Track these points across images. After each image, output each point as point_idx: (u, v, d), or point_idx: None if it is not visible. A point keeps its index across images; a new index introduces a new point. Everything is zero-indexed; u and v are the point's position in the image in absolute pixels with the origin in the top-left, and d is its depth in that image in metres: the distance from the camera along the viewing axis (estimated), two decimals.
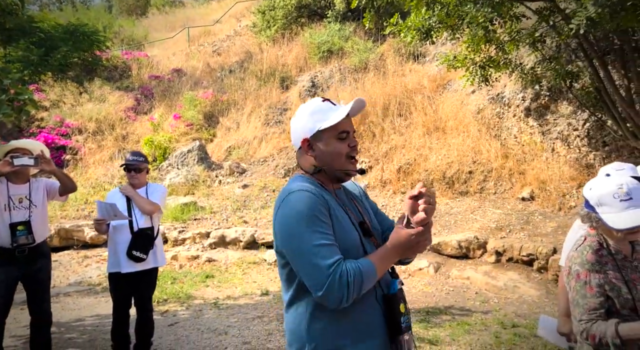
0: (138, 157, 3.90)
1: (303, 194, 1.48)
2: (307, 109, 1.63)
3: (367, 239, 1.59)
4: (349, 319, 1.47)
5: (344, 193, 1.70)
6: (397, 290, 1.55)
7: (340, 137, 1.60)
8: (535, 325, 4.66)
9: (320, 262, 1.39)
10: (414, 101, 9.90)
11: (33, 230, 3.70)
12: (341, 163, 1.60)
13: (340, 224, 1.52)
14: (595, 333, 1.77)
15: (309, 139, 1.61)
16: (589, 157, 7.54)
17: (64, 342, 4.56)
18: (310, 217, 1.44)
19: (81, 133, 13.41)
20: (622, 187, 1.83)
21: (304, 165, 1.66)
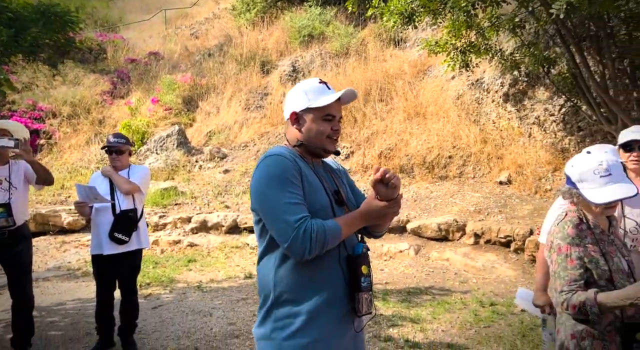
0: (119, 138, 3.84)
1: (278, 158, 1.62)
2: (304, 86, 1.76)
3: (340, 207, 1.73)
4: (311, 272, 1.61)
5: (323, 167, 1.84)
6: (361, 253, 1.69)
7: (326, 118, 1.73)
8: (512, 303, 4.83)
9: (288, 218, 1.54)
10: (395, 86, 9.96)
11: (13, 212, 3.64)
12: (321, 141, 1.74)
13: (312, 187, 1.65)
14: (576, 303, 1.86)
15: (298, 113, 1.74)
16: (564, 142, 7.73)
17: (46, 325, 4.52)
18: (282, 178, 1.58)
19: (55, 117, 13.10)
20: (602, 163, 1.91)
21: (289, 137, 1.79)
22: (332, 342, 1.62)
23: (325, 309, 1.61)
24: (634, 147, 2.56)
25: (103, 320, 3.85)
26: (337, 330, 1.63)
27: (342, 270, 1.66)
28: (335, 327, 1.63)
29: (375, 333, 4.16)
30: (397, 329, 4.26)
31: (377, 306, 4.82)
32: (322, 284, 1.62)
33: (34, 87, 14.09)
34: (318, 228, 1.54)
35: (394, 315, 4.59)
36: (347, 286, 1.65)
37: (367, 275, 1.67)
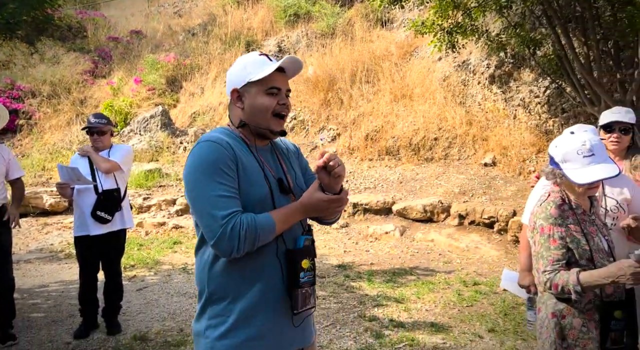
0: (100, 119, 3.76)
1: (210, 145, 1.50)
2: (243, 61, 1.63)
3: (284, 196, 1.60)
4: (245, 268, 1.51)
5: (272, 150, 1.70)
6: (303, 246, 1.57)
7: (270, 92, 1.58)
8: (495, 283, 4.90)
9: (215, 213, 1.43)
10: (381, 68, 9.89)
11: None
12: (266, 119, 1.59)
13: (250, 177, 1.53)
14: (558, 282, 1.88)
15: (239, 90, 1.61)
16: (548, 124, 7.79)
17: (28, 307, 4.48)
18: (214, 168, 1.46)
19: (35, 96, 12.80)
20: (585, 143, 1.91)
21: (232, 118, 1.66)
22: (268, 341, 1.53)
23: (259, 306, 1.51)
24: (614, 128, 2.59)
25: (87, 302, 3.82)
26: (273, 328, 1.54)
27: (281, 265, 1.54)
28: (271, 326, 1.53)
29: (360, 313, 4.20)
30: (381, 309, 4.31)
31: (362, 287, 4.88)
32: (257, 281, 1.52)
33: (12, 65, 13.73)
34: (248, 224, 1.42)
35: (379, 295, 4.63)
36: (285, 282, 1.54)
37: (308, 269, 1.56)
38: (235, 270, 1.51)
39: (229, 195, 1.46)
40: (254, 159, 1.58)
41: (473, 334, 3.79)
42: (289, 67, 1.63)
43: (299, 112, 10.03)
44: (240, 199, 1.49)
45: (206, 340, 1.52)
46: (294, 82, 10.69)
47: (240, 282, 1.51)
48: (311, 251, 1.61)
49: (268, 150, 1.68)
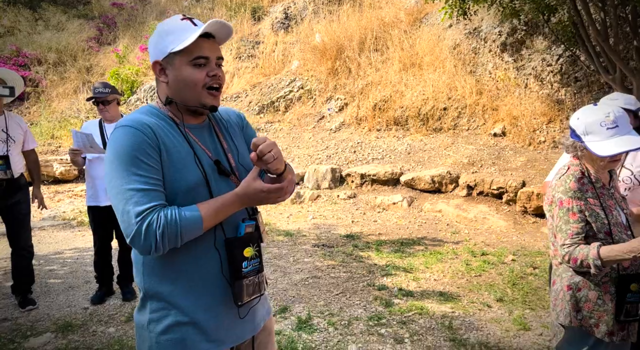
0: (105, 88, 3.72)
1: (128, 130, 1.33)
2: (162, 27, 1.44)
3: (224, 179, 1.46)
4: (181, 261, 1.39)
5: (210, 126, 1.54)
6: (244, 234, 1.45)
7: (197, 63, 1.40)
8: (503, 253, 4.94)
9: (130, 209, 1.27)
10: (390, 35, 9.71)
11: (11, 164, 3.60)
12: (196, 93, 1.42)
13: (174, 163, 1.37)
14: (577, 256, 1.89)
15: (161, 62, 1.42)
16: (560, 93, 7.68)
17: (45, 273, 4.58)
18: (129, 157, 1.30)
19: (41, 64, 12.72)
20: (609, 115, 1.88)
21: (159, 93, 1.48)
22: (215, 336, 1.43)
23: (201, 300, 1.41)
24: None
25: (102, 270, 3.90)
26: (218, 322, 1.43)
27: (219, 255, 1.42)
28: (215, 319, 1.43)
29: (370, 282, 4.27)
30: (390, 278, 4.37)
31: (370, 256, 4.94)
32: (195, 273, 1.40)
33: (17, 31, 13.58)
34: (167, 221, 1.27)
35: (388, 265, 4.69)
36: (226, 273, 1.43)
37: (252, 257, 1.45)
38: (170, 264, 1.39)
39: (146, 188, 1.30)
40: (183, 141, 1.41)
41: (482, 303, 3.84)
42: (218, 32, 1.43)
43: (305, 81, 9.91)
44: (163, 191, 1.34)
45: (150, 334, 1.42)
46: (301, 51, 10.56)
47: (177, 274, 1.39)
48: (254, 237, 1.48)
49: (205, 127, 1.52)
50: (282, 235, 5.71)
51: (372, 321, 3.53)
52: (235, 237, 1.44)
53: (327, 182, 7.43)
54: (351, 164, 7.82)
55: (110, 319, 3.59)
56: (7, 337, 3.28)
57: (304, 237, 5.71)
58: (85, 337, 3.30)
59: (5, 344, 3.18)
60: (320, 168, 7.53)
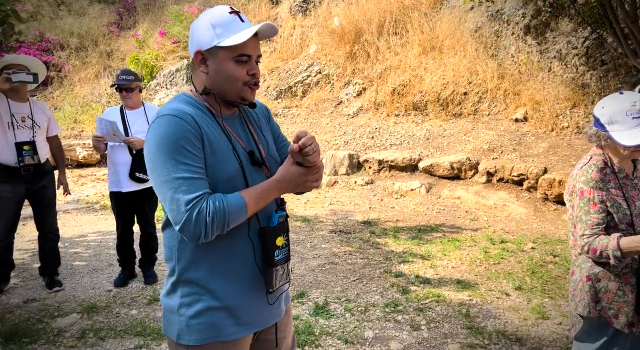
0: (128, 75, 3.76)
1: (172, 119, 1.35)
2: (211, 18, 1.42)
3: (257, 169, 1.49)
4: (216, 248, 1.43)
5: (241, 117, 1.57)
6: (277, 224, 1.50)
7: (240, 60, 1.41)
8: (523, 241, 4.90)
9: (180, 197, 1.30)
10: (410, 18, 9.55)
11: (38, 150, 3.70)
12: (237, 89, 1.44)
13: (217, 153, 1.40)
14: (597, 247, 1.87)
15: (204, 52, 1.43)
16: (585, 77, 7.49)
17: (71, 256, 4.71)
18: (175, 146, 1.32)
19: (63, 49, 12.89)
20: (635, 104, 1.84)
21: (196, 82, 1.50)
22: (244, 320, 1.48)
23: (234, 286, 1.45)
24: None
25: (124, 254, 3.99)
26: (248, 307, 1.48)
27: (253, 244, 1.46)
28: (246, 305, 1.48)
29: (387, 269, 4.28)
30: (408, 265, 4.38)
31: (388, 243, 4.95)
32: (230, 260, 1.45)
33: (40, 17, 13.75)
34: (216, 209, 1.31)
35: (405, 252, 4.70)
36: (259, 261, 1.48)
37: (283, 247, 1.51)
38: (206, 250, 1.43)
39: (194, 177, 1.33)
40: (221, 132, 1.44)
41: (500, 291, 3.83)
42: (264, 33, 1.46)
43: (324, 66, 9.85)
44: (207, 179, 1.37)
45: (181, 318, 1.45)
46: (319, 35, 10.48)
47: (212, 261, 1.44)
48: (285, 228, 1.54)
49: (237, 118, 1.54)
50: (299, 221, 5.75)
51: (389, 308, 3.55)
52: (269, 227, 1.48)
53: (345, 169, 7.43)
54: (369, 150, 7.79)
55: (133, 301, 3.69)
56: (35, 317, 3.40)
57: (322, 223, 5.74)
58: (109, 318, 3.41)
59: (34, 324, 3.31)
60: (338, 154, 7.52)
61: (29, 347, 3.01)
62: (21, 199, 3.69)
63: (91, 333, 3.18)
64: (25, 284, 3.98)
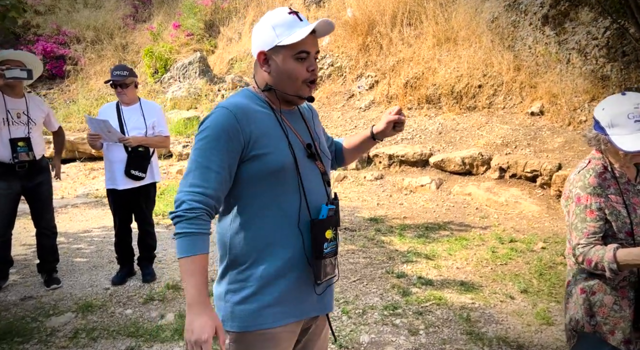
0: (122, 71, 3.71)
1: (224, 111, 1.45)
2: (271, 19, 1.50)
3: (310, 162, 1.56)
4: (266, 237, 1.48)
5: (299, 113, 1.65)
6: (327, 217, 1.52)
7: (300, 57, 1.48)
8: (533, 240, 4.74)
9: (188, 180, 1.43)
10: (424, 9, 9.31)
11: (33, 146, 3.68)
12: (296, 86, 1.51)
13: (266, 145, 1.47)
14: (592, 258, 1.73)
15: (266, 52, 1.50)
16: (605, 69, 7.19)
17: (72, 252, 4.72)
18: (215, 136, 1.43)
19: (79, 42, 12.99)
20: (638, 106, 1.69)
21: (258, 80, 1.57)
22: (288, 308, 1.51)
23: (281, 274, 1.49)
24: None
25: (122, 251, 3.97)
26: (294, 296, 1.52)
27: (302, 235, 1.50)
28: (292, 293, 1.51)
29: (389, 269, 4.18)
30: (411, 265, 4.26)
31: (392, 241, 4.84)
32: (280, 249, 1.49)
33: (57, 9, 13.88)
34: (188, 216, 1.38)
35: (409, 251, 4.58)
36: (307, 252, 1.51)
37: (331, 239, 1.53)
38: (257, 238, 1.48)
39: (216, 170, 1.42)
40: (277, 125, 1.52)
41: (504, 294, 3.70)
42: (321, 29, 1.51)
43: (336, 58, 9.70)
44: (226, 175, 1.44)
45: (226, 304, 1.51)
46: None
47: (262, 249, 1.48)
48: (335, 221, 1.56)
49: (296, 113, 1.63)
50: None
51: (388, 311, 3.45)
52: (319, 219, 1.51)
53: (354, 163, 7.31)
54: (379, 144, 7.65)
55: (129, 300, 3.66)
56: (30, 316, 3.40)
57: None
58: (103, 318, 3.39)
59: (28, 323, 3.30)
60: None
61: (20, 346, 3.00)
62: (17, 195, 3.68)
63: (84, 333, 3.17)
64: (24, 281, 4.00)
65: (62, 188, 7.31)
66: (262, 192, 1.48)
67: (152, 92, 11.18)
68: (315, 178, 1.56)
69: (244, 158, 1.46)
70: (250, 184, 1.48)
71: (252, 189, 1.48)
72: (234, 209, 1.51)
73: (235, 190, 1.51)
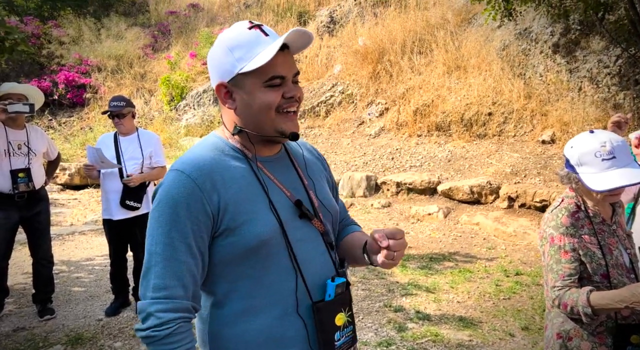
0: (119, 101, 3.78)
1: (179, 177, 1.11)
2: (226, 40, 1.15)
3: (305, 222, 1.21)
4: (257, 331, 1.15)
5: (287, 158, 1.28)
6: (334, 296, 1.17)
7: (272, 84, 1.13)
8: (538, 274, 4.58)
9: (150, 280, 1.09)
10: (435, 37, 9.35)
11: (33, 177, 3.75)
12: (270, 120, 1.15)
13: (243, 212, 1.12)
14: (568, 301, 1.65)
15: (227, 84, 1.16)
16: (618, 97, 7.05)
17: (72, 281, 4.75)
18: (172, 212, 1.09)
19: (100, 71, 13.40)
20: (605, 145, 1.64)
21: (225, 121, 1.23)
22: None
23: None
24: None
25: (117, 281, 3.97)
26: None
27: (305, 324, 1.16)
28: None
29: (387, 302, 4.07)
30: (410, 298, 4.15)
31: (394, 272, 4.73)
32: (277, 348, 1.15)
33: (80, 41, 14.41)
34: (159, 332, 1.06)
35: (410, 283, 4.47)
36: (314, 346, 1.17)
37: (345, 326, 1.19)
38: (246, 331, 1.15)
39: (182, 259, 1.09)
40: (254, 181, 1.16)
41: (504, 331, 3.55)
42: (295, 42, 1.15)
43: (347, 85, 9.77)
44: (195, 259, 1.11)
45: None
46: (343, 54, 10.42)
47: (255, 347, 1.15)
48: (346, 299, 1.22)
49: (281, 159, 1.26)
50: None
51: (381, 347, 3.34)
52: (323, 301, 1.17)
53: (362, 190, 7.26)
54: (388, 171, 7.60)
55: (120, 332, 3.64)
56: (20, 348, 3.40)
57: None
58: None
59: None
60: (355, 175, 7.37)
61: None
62: (14, 225, 3.73)
63: None
64: (20, 311, 4.01)
65: (72, 215, 7.43)
66: (243, 277, 1.14)
67: (167, 119, 11.41)
68: (312, 244, 1.21)
69: (214, 234, 1.12)
70: (226, 269, 1.15)
71: (230, 274, 1.14)
72: (208, 306, 1.18)
73: (208, 280, 1.17)
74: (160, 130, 10.86)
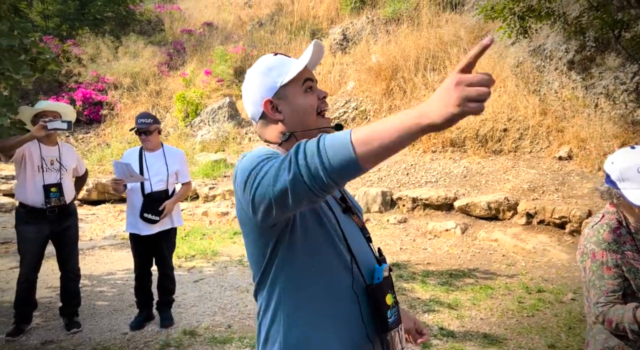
0: (146, 119, 3.86)
1: (262, 147, 1.25)
2: (260, 68, 1.36)
3: (348, 217, 1.36)
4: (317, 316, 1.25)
5: None
6: (382, 279, 1.29)
7: (308, 86, 1.34)
8: (562, 291, 4.54)
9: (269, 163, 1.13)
10: (448, 54, 9.44)
11: (64, 192, 3.83)
12: (314, 121, 1.33)
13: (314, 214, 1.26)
14: (613, 318, 1.66)
15: (272, 99, 1.34)
16: (635, 114, 7.05)
17: (95, 294, 4.79)
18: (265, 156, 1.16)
19: (117, 88, 13.63)
20: None
21: (269, 138, 1.37)
22: None
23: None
24: None
25: (141, 295, 4.00)
26: None
27: (360, 306, 1.26)
28: None
29: None
30: (432, 315, 4.13)
31: (414, 289, 4.73)
32: (334, 332, 1.25)
33: (98, 59, 14.70)
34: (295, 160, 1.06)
35: (432, 299, 4.45)
36: (370, 326, 1.27)
37: (392, 306, 1.29)
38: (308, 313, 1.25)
39: None
40: None
41: (530, 349, 3.53)
42: (314, 54, 1.35)
43: (360, 102, 9.85)
44: None
45: None
46: (357, 71, 10.54)
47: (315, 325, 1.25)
48: (391, 282, 1.34)
49: None
50: None
51: None
52: (374, 284, 1.28)
53: (377, 206, 7.27)
54: (403, 187, 7.61)
55: (146, 346, 3.66)
56: None
57: None
58: None
59: None
60: (370, 191, 7.39)
61: None
62: (45, 239, 3.80)
63: None
64: (47, 324, 4.05)
65: (91, 230, 7.50)
66: (305, 266, 1.24)
67: (182, 135, 11.54)
68: (356, 236, 1.34)
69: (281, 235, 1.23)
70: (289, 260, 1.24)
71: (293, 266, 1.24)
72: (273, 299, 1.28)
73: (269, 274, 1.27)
74: (176, 146, 10.99)
